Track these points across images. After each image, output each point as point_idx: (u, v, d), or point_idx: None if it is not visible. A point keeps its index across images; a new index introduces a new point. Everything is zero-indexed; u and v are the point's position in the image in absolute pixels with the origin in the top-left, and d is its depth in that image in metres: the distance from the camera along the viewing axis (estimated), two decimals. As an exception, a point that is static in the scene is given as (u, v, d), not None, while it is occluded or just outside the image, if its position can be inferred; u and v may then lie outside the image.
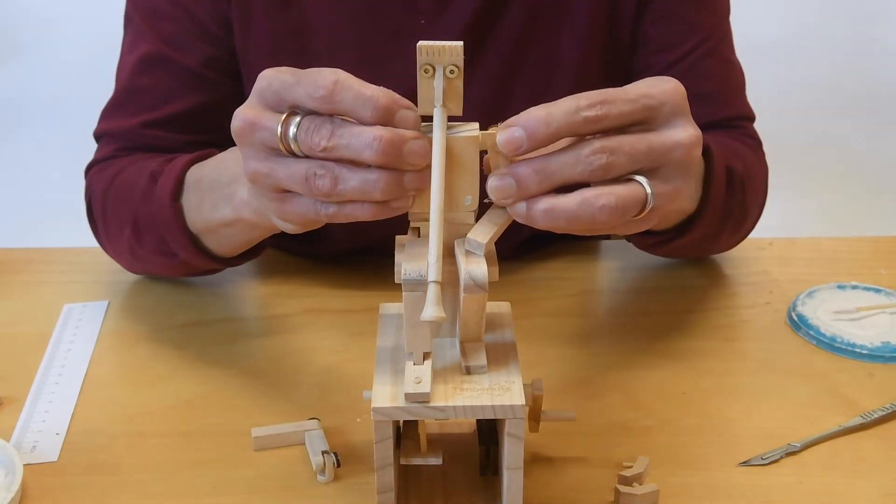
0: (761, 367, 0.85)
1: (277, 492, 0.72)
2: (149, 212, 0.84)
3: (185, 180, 0.82)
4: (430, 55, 0.60)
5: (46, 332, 0.90)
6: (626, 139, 0.60)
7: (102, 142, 0.98)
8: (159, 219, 0.83)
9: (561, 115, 0.58)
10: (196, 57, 0.93)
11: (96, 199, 0.94)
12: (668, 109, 0.62)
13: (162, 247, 0.85)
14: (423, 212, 0.63)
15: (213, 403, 0.81)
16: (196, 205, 0.81)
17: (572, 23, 0.93)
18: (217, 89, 0.94)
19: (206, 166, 0.82)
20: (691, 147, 0.62)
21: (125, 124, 0.95)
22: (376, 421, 0.61)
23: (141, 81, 0.95)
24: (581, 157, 0.59)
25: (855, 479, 0.72)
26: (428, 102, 0.62)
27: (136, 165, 0.91)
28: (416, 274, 0.60)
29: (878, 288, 0.94)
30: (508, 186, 0.59)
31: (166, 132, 0.94)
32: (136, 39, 0.95)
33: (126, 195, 0.89)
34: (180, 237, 0.82)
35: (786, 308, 0.92)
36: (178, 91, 0.94)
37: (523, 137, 0.58)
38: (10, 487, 0.69)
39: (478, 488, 0.70)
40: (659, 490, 0.70)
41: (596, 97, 0.59)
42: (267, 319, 0.92)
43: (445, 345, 0.67)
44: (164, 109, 0.94)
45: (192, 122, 0.94)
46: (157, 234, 0.85)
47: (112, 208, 0.91)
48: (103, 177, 0.93)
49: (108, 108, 0.98)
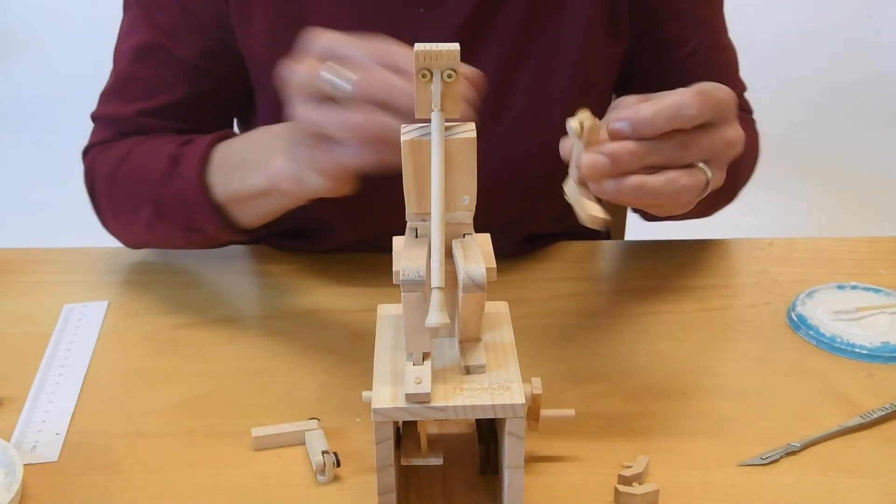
0: (761, 367, 0.85)
1: (277, 492, 0.72)
2: (172, 192, 0.88)
3: (211, 157, 0.86)
4: (427, 60, 0.60)
5: (46, 332, 0.90)
6: (697, 135, 0.69)
7: (99, 124, 1.00)
8: (186, 197, 0.87)
9: (665, 115, 0.67)
10: (191, 48, 0.94)
11: (101, 181, 0.96)
12: (728, 114, 0.72)
13: (187, 223, 0.89)
14: (420, 212, 0.63)
15: (213, 403, 0.81)
16: (223, 180, 0.85)
17: (572, 13, 0.93)
18: (211, 80, 0.96)
19: (234, 144, 0.86)
20: (738, 144, 0.73)
21: (121, 111, 0.98)
22: (376, 422, 0.62)
23: (137, 70, 0.97)
24: (666, 146, 0.68)
25: (854, 479, 0.72)
26: (426, 106, 0.62)
27: (143, 148, 0.94)
28: (415, 275, 0.60)
29: (877, 288, 0.94)
30: (602, 164, 0.67)
31: (160, 121, 0.96)
32: (132, 26, 0.97)
33: (141, 177, 0.92)
34: (208, 213, 0.86)
35: (786, 308, 0.92)
36: (173, 81, 0.96)
37: (629, 132, 0.67)
38: (10, 487, 0.69)
39: (478, 488, 0.70)
40: (659, 490, 0.70)
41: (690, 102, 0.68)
42: (267, 319, 0.92)
43: (444, 345, 0.67)
44: (158, 99, 0.96)
45: (185, 112, 0.97)
46: (182, 211, 0.88)
47: (123, 190, 0.94)
48: (106, 159, 0.96)
49: (106, 91, 1.00)
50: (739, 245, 1.03)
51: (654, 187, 0.68)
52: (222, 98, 0.99)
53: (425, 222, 0.64)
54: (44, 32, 3.28)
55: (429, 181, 0.61)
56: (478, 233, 0.66)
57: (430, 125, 0.62)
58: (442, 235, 0.60)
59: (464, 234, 0.65)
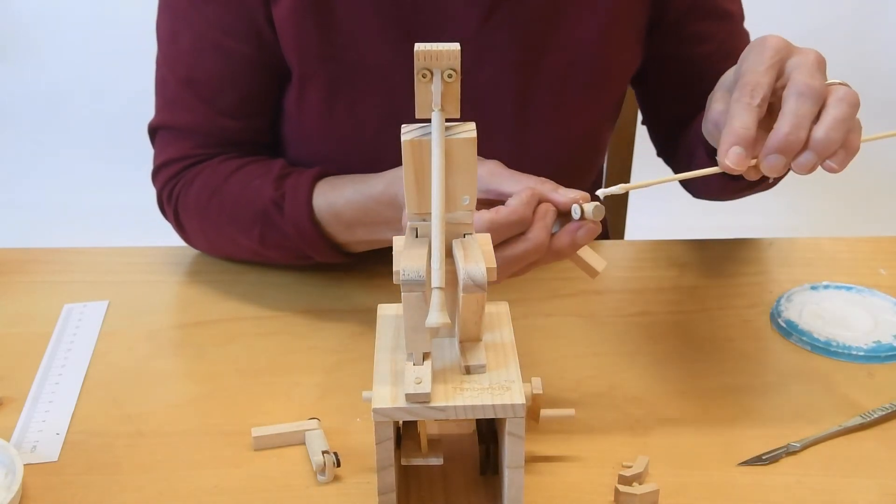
0: (761, 367, 0.85)
1: (277, 492, 0.72)
2: (282, 233, 0.91)
3: (316, 206, 0.90)
4: (427, 59, 0.60)
5: (46, 332, 0.90)
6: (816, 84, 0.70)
7: (167, 136, 0.98)
8: (299, 238, 0.91)
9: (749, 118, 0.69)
10: (245, 40, 0.93)
11: (189, 212, 0.97)
12: (785, 53, 0.72)
13: (297, 253, 0.93)
14: (420, 212, 0.63)
15: (213, 403, 0.81)
16: (343, 230, 0.89)
17: (594, 6, 0.93)
18: (270, 70, 0.95)
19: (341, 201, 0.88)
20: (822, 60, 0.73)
21: (192, 118, 0.96)
22: (377, 422, 0.62)
23: (198, 71, 0.95)
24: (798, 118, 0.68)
25: (855, 479, 0.72)
26: (426, 106, 0.62)
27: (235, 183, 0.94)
28: (415, 275, 0.60)
29: (849, 286, 0.94)
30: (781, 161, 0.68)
31: (231, 120, 0.96)
32: (178, 30, 0.95)
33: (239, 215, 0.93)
34: (325, 251, 0.92)
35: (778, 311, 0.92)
36: (237, 76, 0.95)
37: (744, 153, 0.69)
38: (10, 487, 0.69)
39: (478, 487, 0.70)
40: (659, 490, 0.70)
41: (749, 86, 0.70)
42: (267, 319, 0.92)
43: (444, 345, 0.67)
44: (226, 97, 0.95)
45: (254, 107, 0.97)
46: (292, 247, 0.92)
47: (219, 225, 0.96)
48: (192, 190, 0.96)
49: (166, 100, 0.98)
50: (739, 245, 1.03)
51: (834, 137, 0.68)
52: (277, 87, 0.97)
53: (426, 222, 0.64)
54: (44, 32, 3.28)
55: (429, 181, 0.61)
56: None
57: (431, 125, 0.62)
58: (442, 235, 0.60)
59: (464, 234, 0.65)
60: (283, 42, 0.93)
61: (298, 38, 0.91)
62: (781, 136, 0.68)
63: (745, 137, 0.69)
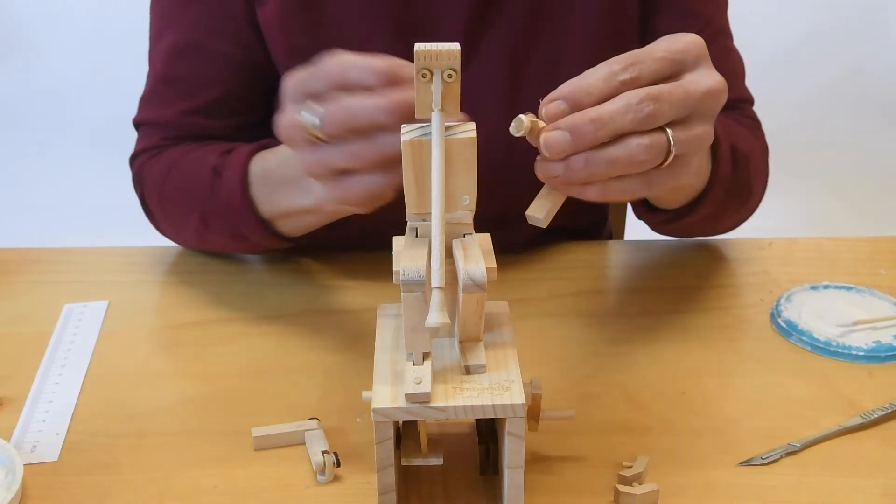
0: (761, 367, 0.85)
1: (277, 492, 0.72)
2: (217, 204, 0.89)
3: (250, 171, 0.87)
4: (427, 59, 0.60)
5: (46, 332, 0.90)
6: (666, 88, 0.62)
7: (144, 130, 1.00)
8: (231, 209, 0.87)
9: (600, 83, 0.62)
10: (226, 41, 0.94)
11: (151, 191, 0.97)
12: (693, 59, 0.65)
13: (233, 231, 0.90)
14: (420, 212, 0.63)
15: (213, 403, 0.81)
16: (267, 195, 0.85)
17: (583, 2, 0.93)
18: (250, 71, 0.95)
19: (270, 161, 0.86)
20: (720, 93, 0.66)
21: (164, 114, 0.98)
22: (377, 422, 0.62)
23: (175, 70, 0.96)
24: (631, 105, 0.61)
25: (855, 479, 0.72)
26: (426, 106, 0.62)
27: (189, 158, 0.94)
28: (415, 275, 0.60)
29: (849, 286, 0.94)
30: (562, 139, 0.61)
31: (206, 119, 0.96)
32: (163, 27, 0.97)
33: (187, 188, 0.93)
34: (254, 225, 0.87)
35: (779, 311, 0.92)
36: (213, 77, 0.96)
37: (567, 109, 0.61)
38: (10, 487, 0.69)
39: (478, 487, 0.70)
40: (659, 490, 0.70)
41: (627, 60, 0.63)
42: (267, 319, 0.92)
43: (444, 345, 0.67)
44: (200, 97, 0.96)
45: (230, 107, 0.97)
46: (227, 222, 0.89)
47: (172, 201, 0.95)
48: (154, 169, 0.97)
49: (145, 96, 1.00)
50: (739, 245, 1.03)
51: (604, 154, 0.61)
52: (263, 87, 0.97)
53: (425, 222, 0.64)
54: (44, 32, 3.28)
55: (429, 181, 0.61)
56: (490, 225, 0.66)
57: (430, 125, 0.62)
58: (442, 235, 0.60)
59: (464, 233, 0.65)
60: (271, 43, 0.93)
61: (287, 39, 0.91)
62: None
63: (576, 98, 0.61)
